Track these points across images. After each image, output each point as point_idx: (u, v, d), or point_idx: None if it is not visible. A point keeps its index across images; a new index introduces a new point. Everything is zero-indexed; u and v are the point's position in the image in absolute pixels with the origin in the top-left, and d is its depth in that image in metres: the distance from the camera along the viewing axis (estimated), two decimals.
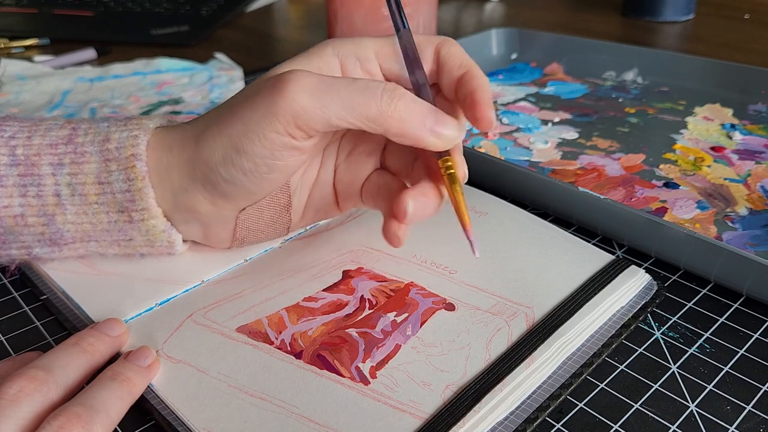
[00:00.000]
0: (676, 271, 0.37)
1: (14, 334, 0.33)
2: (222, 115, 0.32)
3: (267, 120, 0.29)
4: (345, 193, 0.36)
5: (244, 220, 0.34)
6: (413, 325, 0.32)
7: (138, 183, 0.32)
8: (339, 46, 0.33)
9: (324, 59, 0.32)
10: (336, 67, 0.33)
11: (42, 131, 0.33)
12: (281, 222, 0.35)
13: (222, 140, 0.31)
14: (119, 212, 0.33)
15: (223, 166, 0.31)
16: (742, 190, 0.44)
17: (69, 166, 0.32)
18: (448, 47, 0.33)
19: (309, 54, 0.32)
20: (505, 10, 0.96)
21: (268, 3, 1.02)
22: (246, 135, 0.30)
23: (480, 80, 0.31)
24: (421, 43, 0.33)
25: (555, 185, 0.41)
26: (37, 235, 0.33)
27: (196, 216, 0.34)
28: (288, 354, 0.30)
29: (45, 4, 0.94)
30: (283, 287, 0.35)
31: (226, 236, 0.35)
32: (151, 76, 0.68)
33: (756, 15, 0.88)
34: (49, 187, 0.32)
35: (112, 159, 0.32)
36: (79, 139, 0.33)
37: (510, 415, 0.28)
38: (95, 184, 0.33)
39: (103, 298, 0.34)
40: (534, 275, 0.35)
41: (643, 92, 0.61)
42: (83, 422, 0.25)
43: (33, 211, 0.33)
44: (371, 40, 0.33)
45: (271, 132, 0.29)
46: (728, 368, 0.31)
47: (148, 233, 0.34)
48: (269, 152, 0.30)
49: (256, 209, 0.34)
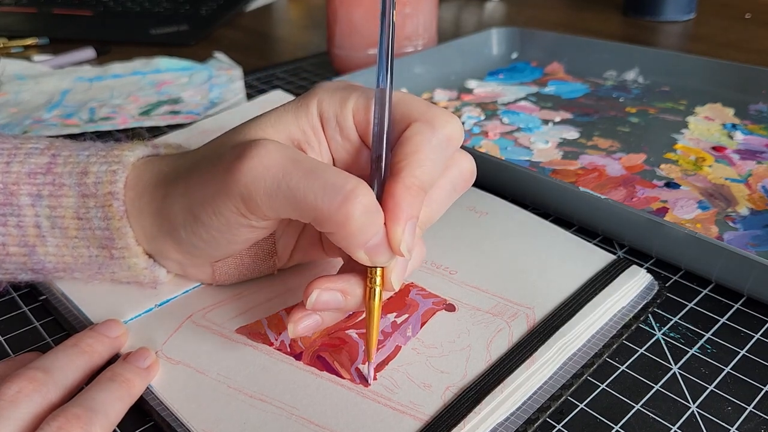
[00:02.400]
0: (677, 271, 0.37)
1: (13, 335, 0.33)
2: (191, 170, 0.30)
3: (220, 198, 0.28)
4: (330, 243, 0.33)
5: (222, 267, 0.33)
6: (413, 326, 0.32)
7: (115, 222, 0.31)
8: (324, 102, 0.29)
9: (308, 119, 0.29)
10: (318, 127, 0.29)
11: (21, 157, 0.32)
12: (265, 266, 0.34)
13: (183, 204, 0.30)
14: (100, 248, 0.32)
15: (184, 230, 0.30)
16: (744, 190, 0.44)
17: (48, 199, 0.32)
18: (419, 132, 0.28)
19: (296, 107, 0.29)
20: (506, 9, 0.95)
21: (267, 2, 1.02)
22: (203, 207, 0.28)
23: (406, 194, 0.26)
24: (402, 112, 0.28)
25: (556, 185, 0.41)
26: (20, 264, 0.33)
27: (171, 259, 0.33)
28: (288, 355, 0.30)
29: (44, 3, 0.94)
30: (283, 288, 0.34)
31: (204, 277, 0.34)
32: (151, 75, 0.68)
33: (757, 15, 0.88)
34: (29, 218, 0.32)
35: (89, 195, 0.31)
36: (58, 169, 0.32)
37: (510, 416, 0.27)
38: (74, 219, 0.32)
39: (102, 299, 0.34)
40: (535, 276, 0.35)
41: (644, 92, 0.60)
42: (82, 423, 0.25)
43: (14, 240, 0.32)
44: (357, 96, 0.29)
45: (225, 210, 0.28)
46: (729, 369, 0.31)
47: (131, 269, 0.33)
48: (226, 228, 0.29)
49: (235, 258, 0.33)
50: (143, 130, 0.56)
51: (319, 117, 0.29)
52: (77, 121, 0.57)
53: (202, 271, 0.33)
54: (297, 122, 0.29)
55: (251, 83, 0.67)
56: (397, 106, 0.29)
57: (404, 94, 0.29)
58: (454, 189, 0.30)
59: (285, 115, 0.29)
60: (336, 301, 0.28)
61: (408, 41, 0.65)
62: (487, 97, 0.61)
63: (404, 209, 0.26)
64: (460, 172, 0.30)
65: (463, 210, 0.40)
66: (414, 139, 0.27)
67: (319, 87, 0.30)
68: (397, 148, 0.28)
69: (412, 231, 0.26)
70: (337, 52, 0.65)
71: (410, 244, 0.26)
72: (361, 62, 0.63)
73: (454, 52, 0.66)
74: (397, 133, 0.28)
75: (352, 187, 0.25)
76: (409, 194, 0.26)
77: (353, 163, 0.30)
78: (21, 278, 0.34)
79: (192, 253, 0.31)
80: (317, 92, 0.30)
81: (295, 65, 0.73)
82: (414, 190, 0.26)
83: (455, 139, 0.29)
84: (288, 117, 0.29)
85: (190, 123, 0.56)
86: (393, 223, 0.26)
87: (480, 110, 0.57)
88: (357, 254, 0.26)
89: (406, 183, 0.26)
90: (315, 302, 0.27)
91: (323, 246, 0.34)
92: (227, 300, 0.34)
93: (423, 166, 0.27)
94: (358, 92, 0.29)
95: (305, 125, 0.29)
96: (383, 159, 0.28)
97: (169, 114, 0.58)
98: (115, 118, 0.57)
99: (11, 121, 0.57)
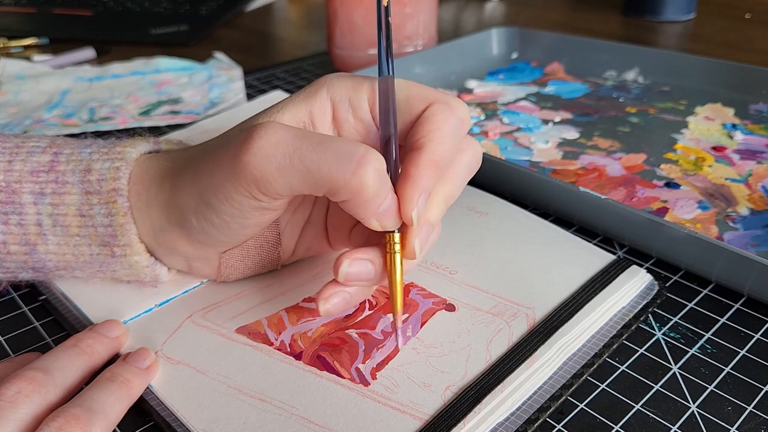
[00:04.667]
0: (677, 271, 0.37)
1: (13, 335, 0.33)
2: (199, 159, 0.30)
3: (230, 182, 0.28)
4: (335, 235, 0.34)
5: (228, 259, 0.33)
6: (413, 326, 0.32)
7: (119, 219, 0.31)
8: (335, 86, 0.30)
9: (318, 102, 0.30)
10: (327, 111, 0.30)
11: (23, 155, 0.32)
12: (269, 259, 0.34)
13: (194, 191, 0.30)
14: (101, 246, 0.32)
15: (195, 217, 0.30)
16: (744, 190, 0.44)
17: (50, 196, 0.32)
18: (440, 112, 0.29)
19: (305, 94, 0.30)
20: (506, 9, 0.95)
21: (267, 2, 1.02)
22: (214, 193, 0.29)
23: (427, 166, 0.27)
24: (413, 97, 0.30)
25: (556, 185, 0.40)
26: (20, 262, 0.33)
27: (178, 252, 0.33)
28: (288, 355, 0.30)
29: (44, 3, 0.94)
30: (283, 288, 0.34)
31: (210, 272, 0.34)
32: (151, 75, 0.68)
33: (757, 14, 0.88)
34: (30, 216, 0.32)
35: (93, 192, 0.31)
36: (61, 167, 0.32)
37: (511, 416, 0.27)
38: (77, 216, 0.32)
39: (102, 300, 0.34)
40: (535, 276, 0.35)
41: (644, 92, 0.60)
42: (82, 424, 0.25)
43: (15, 239, 0.32)
44: (370, 81, 0.30)
45: (236, 194, 0.28)
46: (729, 369, 0.31)
47: (132, 267, 0.33)
48: (238, 212, 0.29)
49: (241, 249, 0.33)
50: (143, 130, 0.56)
51: (330, 100, 0.30)
52: (77, 121, 0.57)
53: (208, 265, 0.33)
54: (305, 106, 0.30)
55: (251, 83, 0.67)
56: (414, 88, 0.30)
57: (414, 82, 0.30)
58: (469, 169, 0.31)
59: (292, 101, 0.30)
60: (367, 271, 0.29)
61: (408, 41, 0.65)
62: (487, 97, 0.61)
63: (423, 180, 0.27)
64: (474, 154, 0.31)
65: (463, 210, 0.40)
66: (435, 118, 0.29)
67: (327, 76, 0.31)
68: (418, 126, 0.29)
69: (424, 202, 0.28)
70: (337, 51, 0.65)
71: (421, 213, 0.28)
72: (362, 62, 0.63)
73: (454, 52, 0.66)
74: (417, 112, 0.29)
75: (363, 153, 0.26)
76: (429, 167, 0.28)
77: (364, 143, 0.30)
78: (22, 277, 0.34)
79: (202, 242, 0.31)
80: (326, 79, 0.30)
81: (295, 65, 0.73)
82: (434, 164, 0.28)
83: (467, 123, 0.30)
84: (296, 102, 0.30)
85: (190, 123, 0.56)
86: (410, 191, 0.27)
87: (480, 110, 0.57)
88: (370, 221, 0.28)
89: (427, 156, 0.28)
90: (347, 273, 0.28)
91: (328, 238, 0.34)
92: (227, 300, 0.34)
93: (443, 143, 0.28)
94: (371, 79, 0.30)
95: (314, 107, 0.30)
96: (392, 139, 0.29)
97: (169, 114, 0.58)
98: (115, 118, 0.57)
99: (11, 121, 0.57)
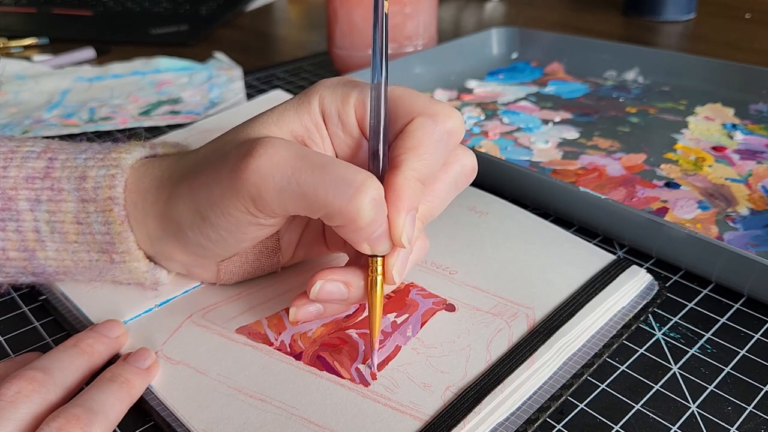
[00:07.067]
0: (677, 271, 0.37)
1: (13, 335, 0.33)
2: (196, 171, 0.30)
3: (228, 197, 0.27)
4: (332, 239, 0.33)
5: (227, 266, 0.33)
6: (413, 326, 0.32)
7: (116, 227, 0.31)
8: (325, 99, 0.29)
9: (311, 117, 0.29)
10: (320, 125, 0.29)
11: (18, 161, 0.32)
12: (269, 264, 0.34)
13: (191, 205, 0.29)
14: (100, 252, 0.32)
15: (191, 230, 0.30)
16: (744, 190, 0.44)
17: (47, 204, 0.31)
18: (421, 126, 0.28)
19: (298, 104, 0.29)
20: (506, 9, 0.95)
21: (267, 2, 1.02)
22: (211, 207, 0.28)
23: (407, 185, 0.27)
24: (398, 109, 0.29)
25: (556, 185, 0.40)
26: (20, 268, 0.33)
27: (176, 260, 0.32)
28: (288, 355, 0.30)
29: (44, 3, 0.94)
30: (283, 288, 0.34)
31: (209, 276, 0.34)
32: (151, 75, 0.68)
33: (757, 14, 0.88)
34: (28, 223, 0.32)
35: (89, 200, 0.31)
36: (56, 174, 0.32)
37: (511, 416, 0.27)
38: (74, 224, 0.31)
39: (102, 300, 0.34)
40: (535, 276, 0.35)
41: (644, 92, 0.60)
42: (82, 424, 0.25)
43: (13, 245, 0.32)
44: (358, 91, 0.29)
45: (234, 210, 0.28)
46: (729, 369, 0.31)
47: (132, 273, 0.33)
48: (234, 227, 0.29)
49: (240, 256, 0.32)
50: (143, 131, 0.56)
51: (321, 113, 0.29)
52: (77, 121, 0.57)
53: (206, 270, 0.33)
54: (299, 119, 0.29)
55: (251, 83, 0.67)
56: (399, 100, 0.29)
57: (407, 89, 0.29)
58: (455, 184, 0.30)
59: (287, 112, 0.29)
60: (339, 292, 0.28)
61: (408, 41, 0.65)
62: (487, 97, 0.61)
63: (404, 201, 0.27)
64: (462, 168, 0.30)
65: (463, 210, 0.40)
66: (416, 134, 0.28)
67: (319, 84, 0.30)
68: (399, 142, 0.28)
69: (412, 222, 0.27)
70: (337, 51, 0.65)
71: (411, 235, 0.27)
72: (362, 62, 0.63)
73: (454, 52, 0.66)
74: (401, 127, 0.29)
75: (362, 181, 0.25)
76: (408, 186, 0.27)
77: (355, 158, 0.30)
78: (22, 281, 0.34)
79: (198, 254, 0.31)
80: (318, 89, 0.30)
81: (295, 65, 0.73)
82: (413, 182, 0.27)
83: (456, 134, 0.29)
84: (290, 114, 0.29)
85: (190, 123, 0.56)
86: (394, 215, 0.27)
87: (480, 110, 0.57)
88: (361, 246, 0.27)
89: (405, 175, 0.27)
90: (318, 292, 0.28)
91: (326, 241, 0.34)
92: (227, 300, 0.34)
93: (422, 159, 0.27)
94: (359, 88, 0.29)
95: (308, 121, 0.29)
96: (380, 154, 0.28)
97: (169, 114, 0.58)
98: (115, 118, 0.57)
99: (11, 121, 0.57)
